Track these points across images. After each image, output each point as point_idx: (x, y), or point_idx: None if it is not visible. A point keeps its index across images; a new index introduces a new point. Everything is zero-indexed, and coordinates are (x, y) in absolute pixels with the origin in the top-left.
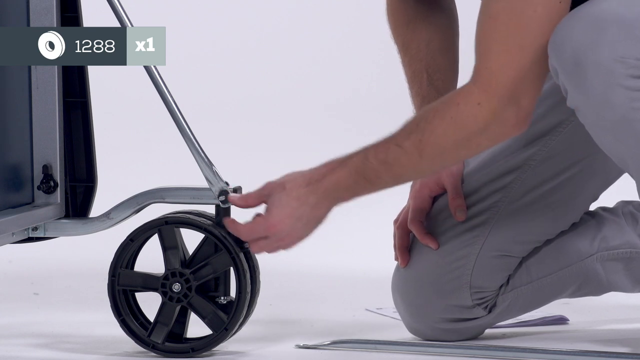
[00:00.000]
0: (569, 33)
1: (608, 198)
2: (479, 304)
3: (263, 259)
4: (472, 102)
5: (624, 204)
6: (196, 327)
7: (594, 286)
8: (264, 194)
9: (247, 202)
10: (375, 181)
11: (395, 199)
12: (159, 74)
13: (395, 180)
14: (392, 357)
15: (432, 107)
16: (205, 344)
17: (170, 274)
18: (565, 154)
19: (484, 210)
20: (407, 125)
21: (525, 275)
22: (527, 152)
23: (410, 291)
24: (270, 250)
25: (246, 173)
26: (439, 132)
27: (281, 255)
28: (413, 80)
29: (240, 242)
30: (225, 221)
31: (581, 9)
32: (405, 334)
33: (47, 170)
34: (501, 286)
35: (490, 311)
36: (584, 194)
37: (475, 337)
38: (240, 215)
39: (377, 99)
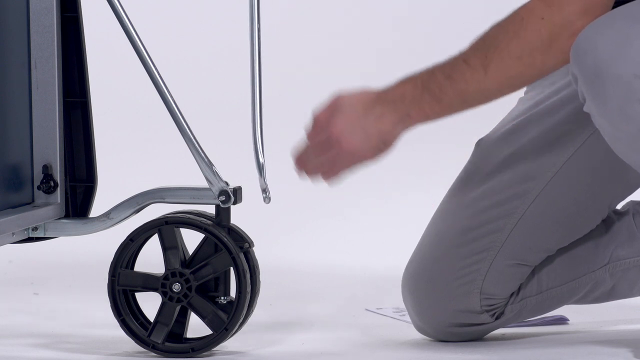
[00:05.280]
0: (592, 43)
1: None
2: (487, 311)
3: (263, 259)
4: (536, 16)
5: (635, 205)
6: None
7: (601, 294)
8: (333, 104)
9: (318, 118)
10: (440, 97)
11: (394, 199)
12: (159, 74)
13: (461, 98)
14: (401, 355)
15: (498, 23)
16: (205, 344)
17: (170, 274)
18: (586, 161)
19: (503, 215)
20: (475, 42)
21: (536, 285)
22: (549, 159)
23: (420, 289)
24: (329, 165)
25: (246, 173)
26: (502, 46)
27: (281, 255)
28: None
29: (239, 242)
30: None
31: (607, 18)
32: (405, 335)
33: (47, 170)
34: (511, 295)
35: (497, 318)
36: (602, 203)
37: (478, 339)
38: (241, 215)
39: None
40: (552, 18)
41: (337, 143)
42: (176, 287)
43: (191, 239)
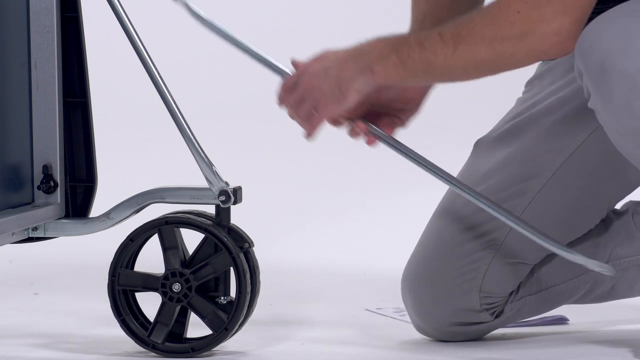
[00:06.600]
0: (597, 38)
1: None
2: (487, 309)
3: (263, 259)
4: (512, 9)
5: (634, 204)
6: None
7: (601, 294)
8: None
9: (300, 61)
10: (405, 60)
11: (394, 199)
12: (159, 74)
13: (425, 67)
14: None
15: (479, 8)
16: (205, 344)
17: (170, 274)
18: (585, 161)
19: None
20: (456, 20)
21: (536, 284)
22: (549, 158)
23: (420, 289)
24: (295, 100)
25: (246, 173)
26: (476, 30)
27: (281, 255)
28: (411, 25)
29: (239, 242)
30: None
31: (612, 13)
32: (405, 335)
33: (47, 170)
34: (511, 293)
35: (497, 317)
36: (601, 202)
37: (478, 339)
38: (241, 215)
39: None
40: (529, 14)
41: (301, 80)
42: (176, 287)
43: (191, 239)
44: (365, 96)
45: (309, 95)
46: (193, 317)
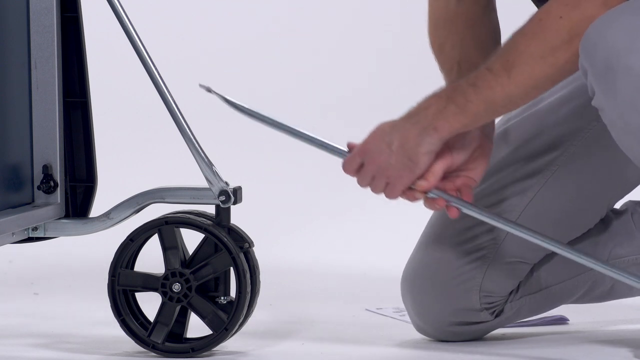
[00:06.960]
0: (602, 36)
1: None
2: (486, 309)
3: (263, 259)
4: (554, 16)
5: (633, 204)
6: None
7: (600, 294)
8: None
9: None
10: (464, 106)
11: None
12: (159, 73)
13: (486, 105)
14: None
15: (518, 29)
16: (205, 344)
17: (170, 274)
18: (585, 160)
19: (502, 213)
20: (498, 50)
21: (535, 283)
22: (548, 157)
23: (419, 289)
24: (368, 181)
25: (246, 173)
26: (522, 48)
27: (281, 255)
28: (446, 76)
29: (239, 242)
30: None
31: (617, 11)
32: (405, 335)
33: (47, 170)
34: (510, 293)
35: (497, 316)
36: (601, 202)
37: (478, 339)
38: (241, 215)
39: (378, 97)
40: (571, 16)
41: (367, 160)
42: (176, 287)
43: (191, 239)
44: (435, 155)
45: (380, 173)
46: (193, 318)
